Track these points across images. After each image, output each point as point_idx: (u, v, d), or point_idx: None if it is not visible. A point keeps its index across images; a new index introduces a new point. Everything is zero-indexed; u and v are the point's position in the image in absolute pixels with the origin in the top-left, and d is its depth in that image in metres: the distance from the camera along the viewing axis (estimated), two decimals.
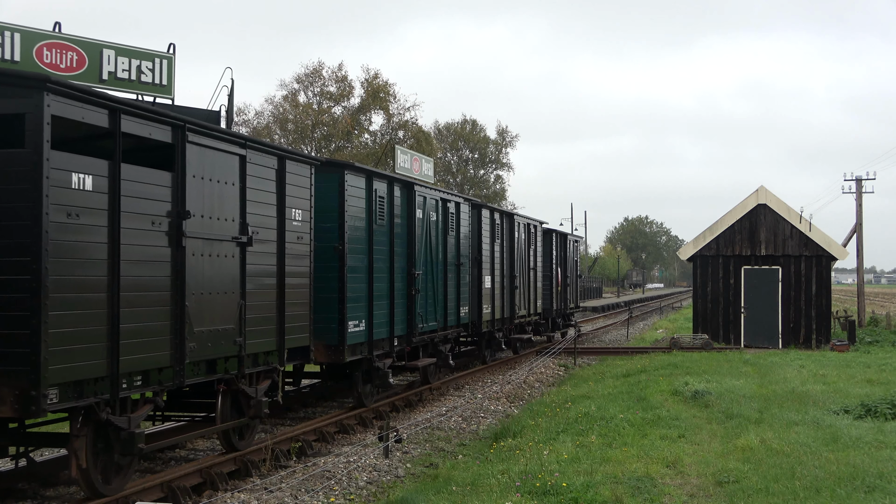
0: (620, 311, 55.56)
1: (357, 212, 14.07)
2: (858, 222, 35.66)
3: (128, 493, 9.14)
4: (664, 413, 14.24)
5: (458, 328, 19.04)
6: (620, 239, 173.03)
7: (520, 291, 23.95)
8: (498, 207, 21.79)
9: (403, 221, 15.99)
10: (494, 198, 79.51)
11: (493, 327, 21.70)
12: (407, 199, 16.13)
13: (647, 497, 9.26)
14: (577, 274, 33.86)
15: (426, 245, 16.89)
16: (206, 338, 9.99)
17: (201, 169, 10.01)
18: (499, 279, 22.03)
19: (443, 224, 17.98)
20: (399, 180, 16.02)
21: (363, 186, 14.31)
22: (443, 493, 9.63)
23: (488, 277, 21.08)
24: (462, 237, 19.22)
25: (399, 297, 15.68)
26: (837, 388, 16.91)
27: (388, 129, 57.69)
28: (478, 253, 20.57)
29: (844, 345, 26.17)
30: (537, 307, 26.39)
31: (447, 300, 18.15)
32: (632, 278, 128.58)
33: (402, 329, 15.90)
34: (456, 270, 18.72)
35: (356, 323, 13.94)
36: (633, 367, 21.25)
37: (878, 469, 10.03)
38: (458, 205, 19.12)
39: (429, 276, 16.99)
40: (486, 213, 21.44)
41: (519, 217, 24.43)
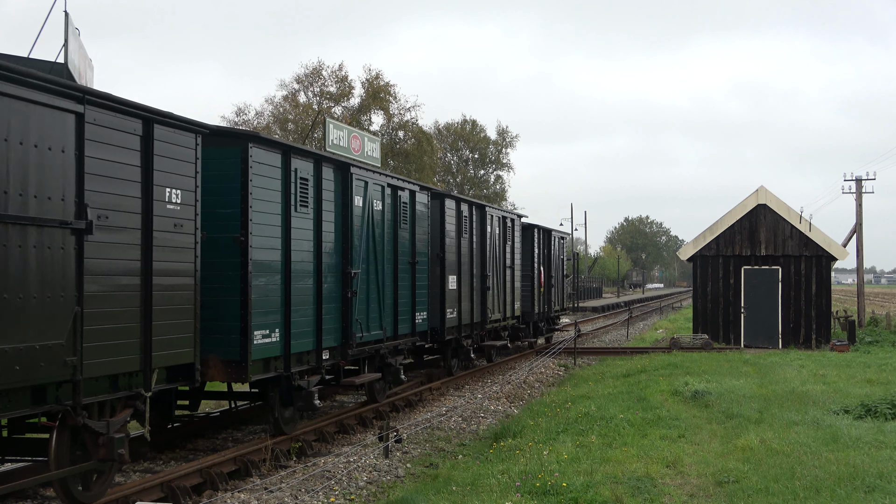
0: (620, 311, 55.59)
1: (268, 195, 11.44)
2: (858, 222, 35.67)
3: (128, 493, 9.14)
4: (664, 413, 14.24)
5: (413, 336, 16.44)
6: (620, 239, 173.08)
7: (493, 293, 21.53)
8: (465, 197, 19.59)
9: (337, 210, 13.35)
10: (495, 198, 79.55)
11: (459, 334, 19.18)
12: (342, 184, 13.49)
13: (647, 497, 9.26)
14: (563, 273, 31.20)
15: (369, 239, 14.30)
16: (10, 359, 7.40)
17: None
18: (467, 279, 19.64)
19: (392, 215, 15.40)
20: (331, 160, 13.30)
21: (278, 165, 11.73)
22: (443, 493, 9.63)
23: (453, 277, 18.65)
24: (419, 231, 16.66)
25: (330, 300, 13.07)
26: (837, 388, 16.91)
27: (389, 129, 57.71)
28: (440, 249, 18.06)
29: (844, 345, 26.17)
30: (515, 310, 23.80)
31: (397, 304, 15.59)
32: (632, 278, 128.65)
33: (335, 339, 13.26)
34: (410, 270, 16.25)
35: (266, 333, 11.35)
36: (633, 367, 21.24)
37: (878, 469, 10.03)
38: (412, 193, 16.45)
39: (372, 276, 14.44)
40: (451, 204, 18.77)
41: (492, 209, 21.88)
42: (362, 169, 14.27)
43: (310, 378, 12.54)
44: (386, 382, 15.79)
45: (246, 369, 10.93)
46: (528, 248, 25.96)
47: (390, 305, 15.38)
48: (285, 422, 12.32)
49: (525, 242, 25.62)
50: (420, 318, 16.84)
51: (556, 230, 29.64)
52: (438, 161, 66.97)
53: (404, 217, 15.98)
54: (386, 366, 15.47)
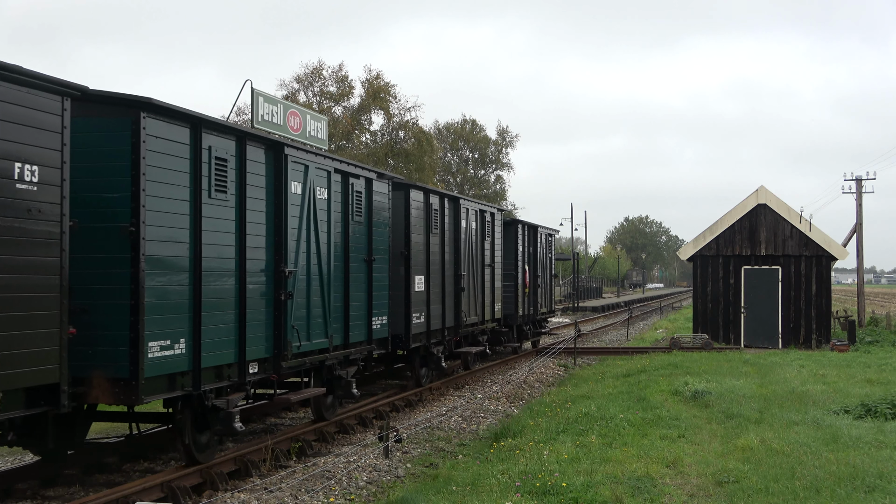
0: (620, 311, 55.60)
1: (170, 177, 9.48)
2: (858, 222, 35.66)
3: (128, 493, 9.15)
4: (664, 413, 14.25)
5: (370, 345, 14.53)
6: (620, 239, 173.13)
7: (469, 294, 19.54)
8: (435, 188, 17.62)
9: (268, 198, 11.43)
10: (495, 198, 79.60)
11: (427, 340, 17.23)
12: (274, 167, 11.56)
13: (647, 497, 9.26)
14: (552, 273, 29.09)
15: (310, 233, 12.37)
16: None
17: None
18: (438, 280, 17.72)
19: (342, 206, 13.46)
20: (258, 138, 11.34)
21: (184, 140, 9.77)
22: (443, 493, 9.63)
23: (420, 278, 16.76)
24: (377, 225, 14.70)
25: (257, 304, 11.12)
26: (837, 388, 16.91)
27: (389, 129, 57.75)
28: (404, 246, 16.17)
29: (844, 345, 26.18)
30: (495, 313, 21.84)
31: (349, 308, 13.60)
32: (632, 278, 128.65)
33: (265, 350, 11.35)
34: (366, 269, 14.31)
35: (166, 344, 9.38)
36: (633, 367, 21.25)
37: (878, 469, 10.04)
38: (368, 182, 14.42)
39: (315, 275, 12.50)
40: (418, 196, 16.78)
41: (467, 202, 19.74)
42: (301, 150, 12.17)
43: (230, 396, 10.69)
44: (336, 398, 13.87)
45: (137, 388, 8.95)
46: (511, 246, 24.18)
47: (339, 309, 13.38)
48: (199, 448, 10.45)
49: (508, 239, 23.93)
50: (378, 323, 14.83)
51: (544, 226, 27.91)
52: (438, 161, 66.98)
53: (358, 208, 13.96)
54: (335, 379, 13.54)
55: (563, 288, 72.35)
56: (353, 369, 13.96)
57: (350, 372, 13.86)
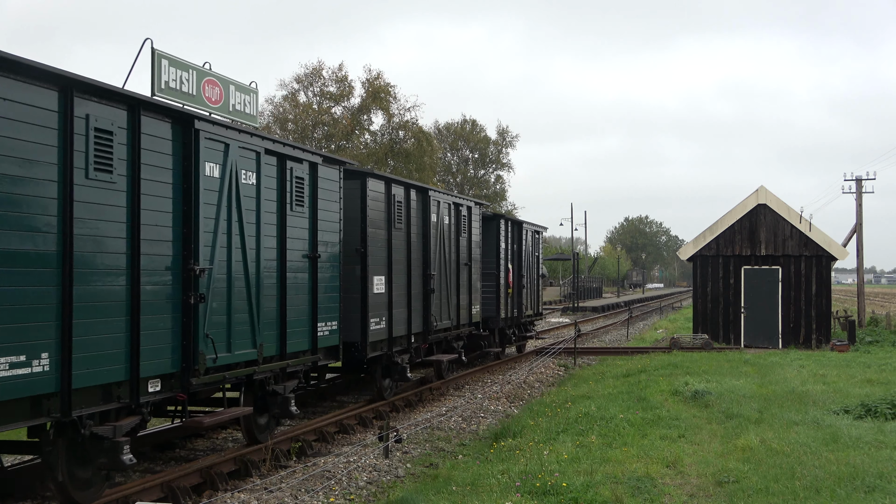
0: (620, 311, 55.61)
1: (27, 151, 7.72)
2: (858, 222, 35.66)
3: (128, 493, 9.15)
4: (664, 413, 14.25)
5: (314, 355, 12.68)
6: (620, 239, 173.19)
7: (439, 296, 17.68)
8: (399, 178, 15.87)
9: (176, 181, 9.54)
10: (495, 198, 79.59)
11: (389, 348, 15.44)
12: (182, 145, 9.71)
13: (647, 497, 9.27)
14: (538, 273, 27.10)
15: (232, 224, 10.45)
16: None
17: None
18: (402, 280, 15.95)
19: (279, 194, 11.68)
20: (160, 108, 9.36)
21: (52, 108, 8.05)
22: (443, 493, 9.63)
23: (380, 278, 15.01)
24: (325, 217, 12.90)
25: (157, 308, 9.23)
26: (837, 388, 16.92)
27: (389, 129, 57.76)
28: (360, 242, 14.45)
29: (844, 345, 26.18)
30: (472, 316, 20.04)
31: (286, 313, 11.75)
32: (632, 278, 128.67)
33: (171, 364, 9.48)
34: (308, 268, 12.47)
35: (19, 360, 7.60)
36: (633, 367, 21.26)
37: (878, 469, 10.04)
38: (313, 166, 12.55)
39: (239, 274, 10.60)
40: (377, 186, 14.98)
41: (438, 194, 17.89)
42: (219, 126, 10.29)
43: (120, 422, 8.91)
44: (271, 417, 12.07)
45: None
46: (493, 243, 22.40)
47: (273, 315, 11.53)
48: (79, 486, 8.76)
49: (488, 236, 22.17)
50: (326, 330, 13.01)
51: (530, 222, 26.12)
52: (439, 161, 67.00)
53: (299, 197, 12.11)
54: (269, 395, 11.84)
55: (564, 288, 72.35)
56: (292, 383, 12.11)
57: (288, 387, 11.98)
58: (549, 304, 64.39)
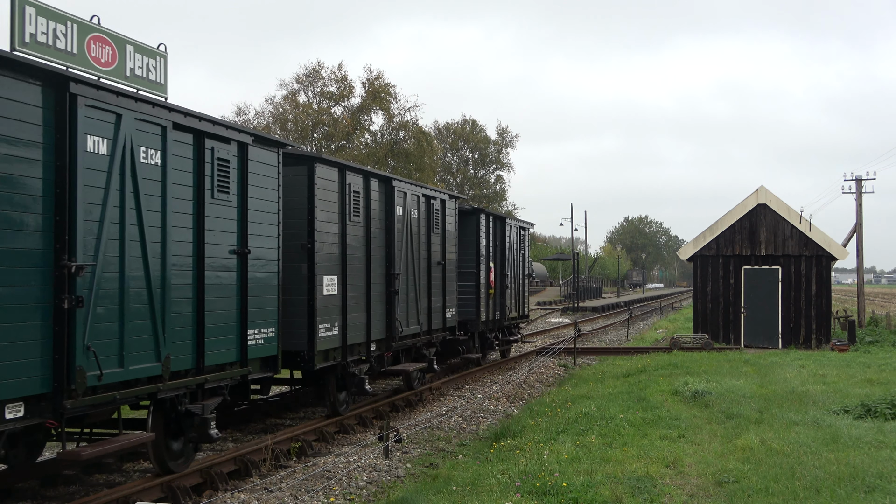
0: (620, 311, 55.62)
1: None
2: (858, 222, 35.66)
3: (128, 493, 9.16)
4: (664, 413, 14.26)
5: (243, 367, 10.81)
6: (620, 239, 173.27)
7: (406, 298, 16.00)
8: (354, 165, 14.12)
9: (46, 158, 7.83)
10: (495, 198, 79.62)
11: (344, 358, 13.66)
12: (55, 112, 7.98)
13: (647, 497, 9.27)
14: (524, 272, 25.24)
15: (126, 212, 8.76)
16: None
17: None
18: (358, 280, 14.16)
19: (196, 178, 9.83)
20: (21, 66, 7.58)
21: None
22: (443, 493, 9.63)
23: (332, 278, 13.24)
24: (258, 207, 11.06)
25: (17, 316, 7.49)
26: (837, 388, 16.92)
27: (389, 129, 57.78)
28: (307, 237, 12.69)
29: (844, 345, 26.19)
30: (446, 319, 18.25)
31: (203, 319, 9.89)
32: (632, 278, 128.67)
33: (40, 383, 7.74)
34: (236, 265, 10.63)
35: None
36: (633, 367, 21.26)
37: (878, 469, 10.04)
38: (241, 148, 10.71)
39: (134, 273, 8.86)
40: (328, 173, 13.21)
41: (404, 184, 16.05)
42: (107, 91, 8.51)
43: None
44: (187, 441, 10.18)
45: None
46: (472, 240, 20.89)
47: (186, 321, 9.69)
48: None
49: (467, 232, 20.74)
50: (259, 338, 11.17)
51: (514, 218, 24.57)
52: (439, 161, 67.02)
53: (222, 182, 10.30)
54: (183, 417, 10.00)
55: (564, 288, 72.36)
56: (213, 402, 10.32)
57: (208, 406, 10.18)
58: (549, 303, 64.39)
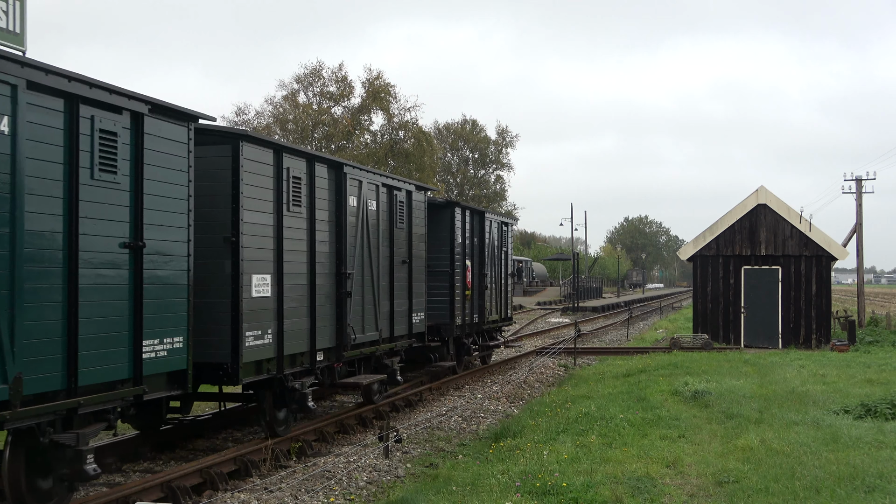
0: (620, 311, 55.61)
1: None
2: (858, 222, 35.65)
3: (128, 493, 9.16)
4: (664, 413, 14.26)
5: (137, 386, 8.99)
6: (620, 239, 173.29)
7: (361, 300, 14.17)
8: (295, 147, 12.40)
9: None
10: (495, 198, 79.62)
11: (280, 370, 11.79)
12: None
13: (647, 497, 9.27)
14: (506, 271, 23.40)
15: None
16: None
17: None
18: (299, 280, 12.34)
19: (67, 154, 8.21)
20: None
21: None
22: (443, 493, 9.64)
23: (264, 277, 11.42)
24: (155, 192, 9.21)
25: None
26: (837, 388, 16.92)
27: (389, 129, 57.77)
28: (231, 229, 10.85)
29: (844, 345, 26.18)
30: (412, 325, 16.54)
31: (76, 327, 8.22)
32: (632, 278, 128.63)
33: None
34: (128, 261, 8.88)
35: None
36: (633, 367, 21.26)
37: (878, 469, 10.04)
38: (136, 119, 8.99)
39: None
40: (259, 154, 11.37)
41: (358, 171, 14.17)
42: None
43: None
44: (56, 479, 8.51)
45: None
46: (445, 236, 19.13)
47: (52, 331, 8.02)
48: None
49: (439, 227, 19.05)
50: (161, 349, 9.34)
51: (495, 214, 22.65)
52: (439, 161, 67.01)
53: (106, 160, 8.61)
54: (51, 450, 8.31)
55: (564, 288, 72.37)
56: (92, 430, 8.60)
57: (85, 436, 8.38)
58: (549, 303, 64.42)
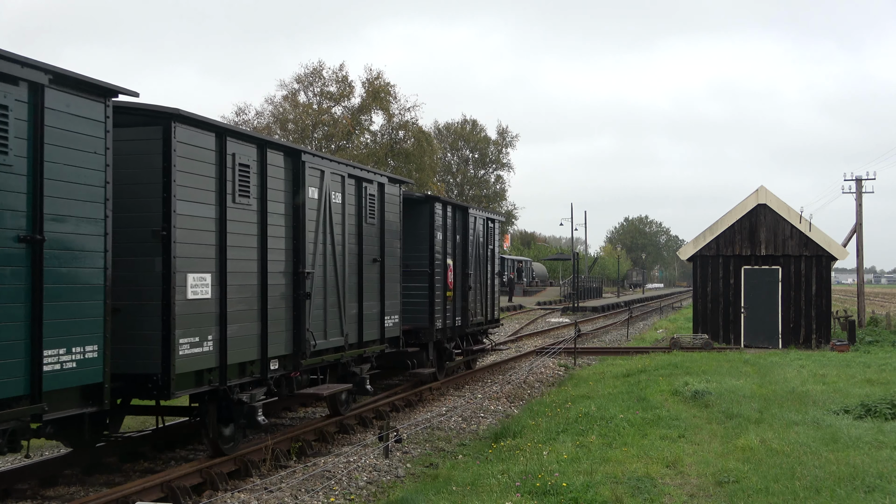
0: (620, 311, 55.61)
1: None
2: (858, 222, 35.65)
3: (128, 493, 9.16)
4: (664, 413, 14.26)
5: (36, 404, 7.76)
6: (620, 239, 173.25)
7: (323, 303, 12.84)
8: (240, 130, 11.25)
9: None
10: (495, 198, 79.63)
11: (222, 381, 10.43)
12: None
13: (647, 497, 9.27)
14: (493, 270, 22.07)
15: None
16: None
17: None
18: (247, 280, 11.02)
19: None
20: None
21: None
22: (443, 493, 9.64)
23: (203, 277, 10.13)
24: (56, 176, 8.01)
25: None
26: (837, 388, 16.92)
27: (389, 129, 57.76)
28: (162, 221, 9.63)
29: (844, 345, 26.18)
30: (384, 329, 15.18)
31: None
32: (632, 278, 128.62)
33: None
34: (26, 257, 7.71)
35: None
36: (633, 367, 21.26)
37: (878, 469, 10.04)
38: (35, 90, 7.73)
39: None
40: (198, 138, 10.08)
41: (319, 160, 12.77)
42: None
43: None
44: None
45: None
46: (424, 233, 17.80)
47: None
48: None
49: (417, 223, 17.72)
50: (68, 361, 8.12)
51: (480, 210, 21.36)
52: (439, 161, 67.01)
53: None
54: None
55: (564, 288, 72.38)
56: None
57: None
58: (550, 303, 64.42)
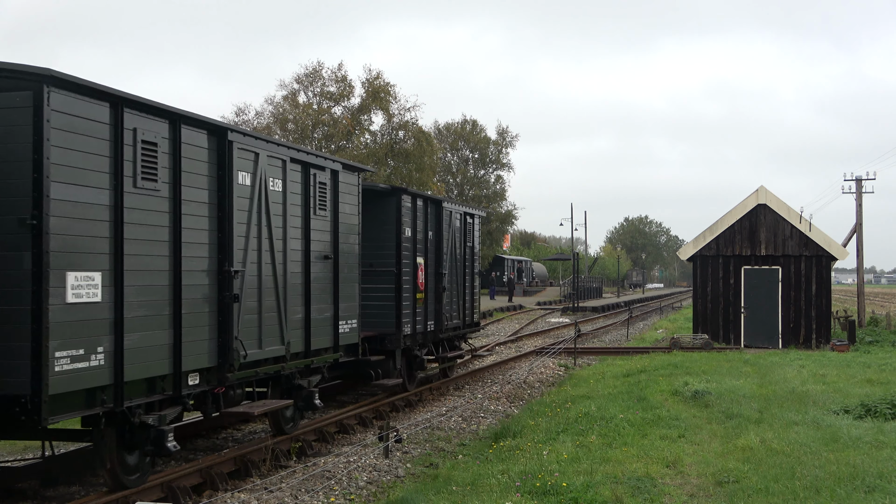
0: (620, 311, 55.60)
1: None
2: (858, 222, 35.65)
3: (127, 493, 9.15)
4: (664, 413, 14.25)
5: None
6: (620, 239, 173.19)
7: (257, 307, 11.03)
8: (146, 101, 9.05)
9: None
10: (495, 198, 79.62)
11: (118, 402, 8.68)
12: None
13: (647, 497, 9.27)
14: (472, 270, 20.15)
15: None
16: None
17: None
18: (153, 279, 9.20)
19: None
20: None
21: None
22: (443, 493, 9.64)
23: (90, 277, 8.29)
24: None
25: None
26: (837, 388, 16.92)
27: (389, 129, 57.76)
28: (31, 208, 7.84)
29: (844, 345, 26.18)
30: (338, 335, 13.36)
31: None
32: (632, 278, 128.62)
33: None
34: None
35: None
36: (633, 367, 21.26)
37: (878, 469, 10.04)
38: None
39: None
40: (84, 108, 8.30)
41: (250, 140, 10.88)
42: None
43: None
44: None
45: None
46: (390, 228, 16.10)
47: None
48: None
49: (382, 218, 16.11)
50: None
51: (457, 204, 19.45)
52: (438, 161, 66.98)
53: None
54: None
55: (564, 288, 72.38)
56: None
57: None
58: (549, 303, 64.41)
